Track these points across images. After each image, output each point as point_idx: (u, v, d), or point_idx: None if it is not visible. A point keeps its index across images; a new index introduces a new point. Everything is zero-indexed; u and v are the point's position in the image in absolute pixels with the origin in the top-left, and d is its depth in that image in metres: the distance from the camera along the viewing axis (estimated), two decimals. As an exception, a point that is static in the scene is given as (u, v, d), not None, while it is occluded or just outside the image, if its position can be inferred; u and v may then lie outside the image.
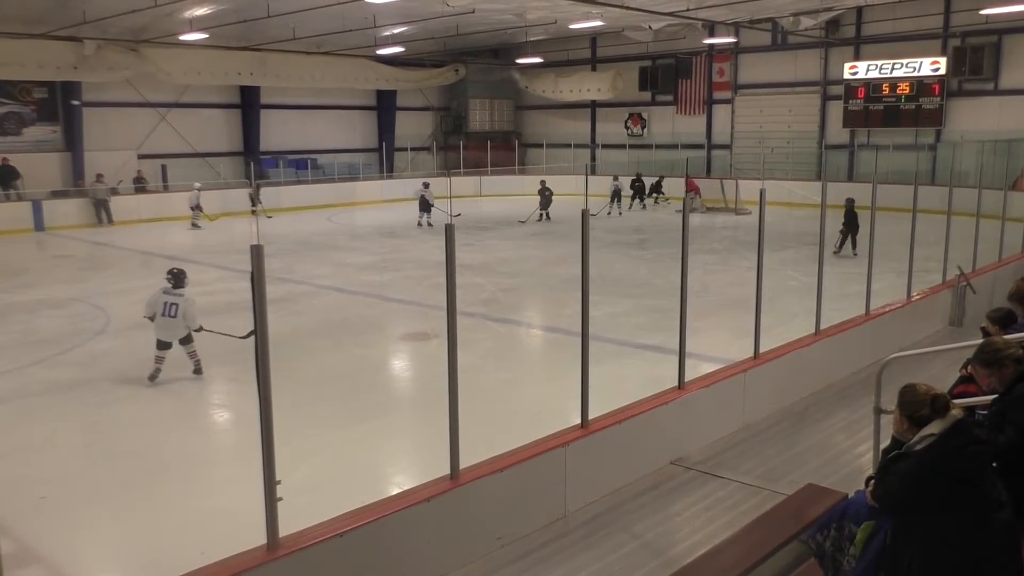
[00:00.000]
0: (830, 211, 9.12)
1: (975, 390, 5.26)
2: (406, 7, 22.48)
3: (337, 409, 8.75)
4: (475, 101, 36.26)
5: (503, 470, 5.49)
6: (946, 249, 11.37)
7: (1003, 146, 16.46)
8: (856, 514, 3.96)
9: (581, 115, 35.73)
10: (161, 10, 20.83)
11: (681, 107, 32.43)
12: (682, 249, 6.82)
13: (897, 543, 3.69)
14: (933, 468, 3.61)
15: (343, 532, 4.66)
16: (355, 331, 12.37)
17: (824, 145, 28.50)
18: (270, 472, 4.30)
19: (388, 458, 7.89)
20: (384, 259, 18.63)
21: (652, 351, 10.22)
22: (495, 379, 9.96)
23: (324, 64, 30.60)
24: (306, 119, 32.18)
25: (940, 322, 11.25)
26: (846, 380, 8.90)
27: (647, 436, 6.66)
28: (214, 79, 28.63)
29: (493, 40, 31.93)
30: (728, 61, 30.96)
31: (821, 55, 28.67)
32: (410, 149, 34.55)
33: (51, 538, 6.12)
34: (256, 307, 4.19)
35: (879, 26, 26.89)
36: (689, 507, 6.14)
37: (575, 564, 5.35)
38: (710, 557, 4.67)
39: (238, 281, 12.26)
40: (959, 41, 25.52)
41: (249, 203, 24.84)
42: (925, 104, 26.30)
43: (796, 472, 6.61)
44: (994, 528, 3.59)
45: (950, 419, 3.68)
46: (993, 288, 11.31)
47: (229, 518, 5.94)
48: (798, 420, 7.92)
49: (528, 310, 14.35)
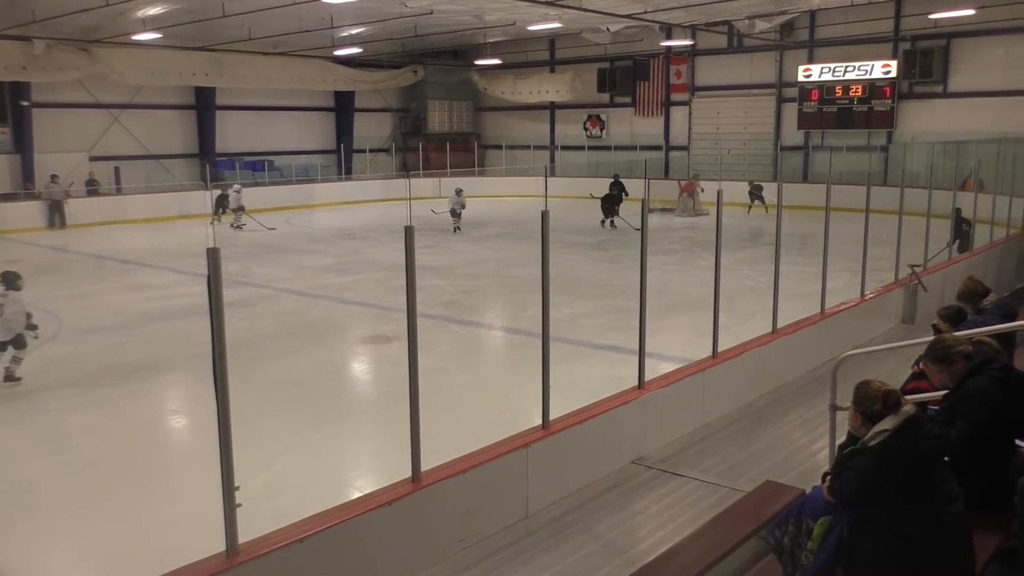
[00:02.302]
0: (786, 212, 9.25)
1: (927, 386, 5.38)
2: (363, 8, 22.35)
3: (297, 413, 8.67)
4: (434, 103, 36.15)
5: (465, 472, 5.48)
6: (898, 248, 11.61)
7: (952, 147, 16.84)
8: (813, 509, 4.02)
9: (540, 116, 35.83)
10: (113, 9, 20.47)
11: (639, 109, 32.67)
12: (641, 250, 6.86)
13: (853, 537, 3.76)
14: (887, 463, 3.68)
15: (303, 537, 4.61)
16: (315, 334, 12.26)
17: (780, 147, 28.94)
18: (229, 478, 4.25)
19: (349, 462, 7.83)
20: (343, 261, 18.49)
21: (612, 351, 10.27)
22: (456, 381, 9.94)
23: (281, 65, 30.29)
24: (263, 120, 31.80)
25: (893, 320, 11.48)
26: (803, 378, 9.02)
27: (608, 436, 6.70)
28: (168, 80, 28.16)
29: (452, 41, 31.89)
30: (685, 63, 31.27)
31: (776, 58, 29.09)
32: (369, 151, 34.35)
33: (4, 549, 5.98)
34: (213, 311, 4.14)
35: (832, 29, 27.37)
36: (650, 506, 6.19)
37: (538, 565, 5.36)
38: (671, 555, 4.71)
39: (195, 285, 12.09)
40: (909, 45, 26.07)
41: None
42: (877, 106, 26.83)
43: (754, 469, 6.69)
44: (947, 521, 3.68)
45: (903, 415, 3.75)
46: (943, 286, 11.55)
47: (187, 525, 5.85)
48: (756, 418, 8.02)
49: (489, 312, 14.35)
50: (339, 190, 31.02)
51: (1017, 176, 16.25)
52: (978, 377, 4.46)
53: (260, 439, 7.29)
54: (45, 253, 20.55)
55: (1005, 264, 14.59)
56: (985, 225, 14.54)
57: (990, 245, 14.39)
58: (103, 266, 18.69)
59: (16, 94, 25.49)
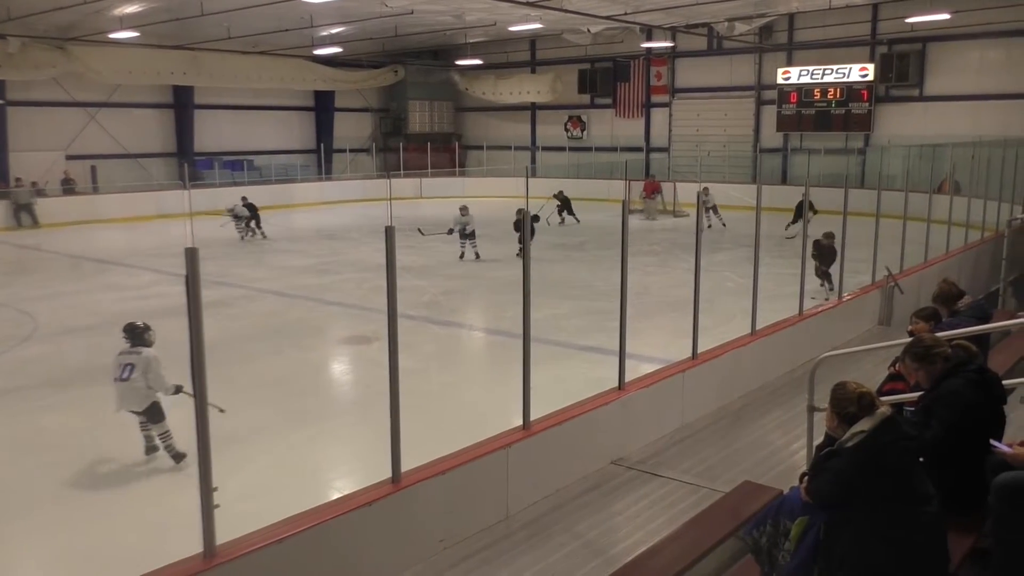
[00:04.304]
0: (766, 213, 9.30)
1: (903, 387, 5.42)
2: (343, 7, 22.28)
3: (276, 414, 8.62)
4: (415, 103, 36.07)
5: (445, 473, 5.47)
6: (875, 251, 11.70)
7: (928, 151, 17.01)
8: (791, 510, 4.04)
9: (521, 117, 35.85)
10: (89, 7, 20.29)
11: (620, 110, 32.78)
12: (622, 251, 6.89)
13: (830, 537, 3.78)
14: (864, 464, 3.71)
15: (282, 538, 4.59)
16: (294, 335, 12.20)
17: (759, 149, 29.13)
18: (207, 479, 4.22)
19: (329, 463, 7.81)
20: (323, 262, 18.41)
21: (593, 352, 10.30)
22: (437, 382, 9.93)
23: (260, 64, 30.12)
24: (242, 120, 31.61)
25: (870, 322, 11.57)
26: (781, 379, 9.08)
27: (588, 437, 6.71)
28: (146, 78, 27.94)
29: (432, 41, 31.84)
30: (665, 65, 31.39)
31: (755, 60, 29.28)
32: (349, 151, 34.22)
33: None
34: (191, 311, 4.12)
35: (810, 32, 27.57)
36: (630, 506, 6.20)
37: (518, 565, 5.36)
38: (650, 555, 4.73)
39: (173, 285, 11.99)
40: (886, 48, 26.30)
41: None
42: (855, 109, 27.05)
43: (733, 470, 6.73)
44: (923, 521, 3.71)
45: (879, 416, 3.79)
46: (919, 288, 11.66)
47: (164, 527, 5.81)
48: (735, 419, 8.06)
49: (469, 312, 14.34)
50: (319, 190, 30.89)
51: (992, 179, 16.43)
52: (953, 379, 4.50)
53: (238, 440, 7.24)
54: (18, 252, 20.33)
55: (980, 267, 14.75)
56: (960, 228, 14.69)
57: (965, 247, 14.54)
58: (78, 266, 18.48)
59: (-9, 92, 25.24)
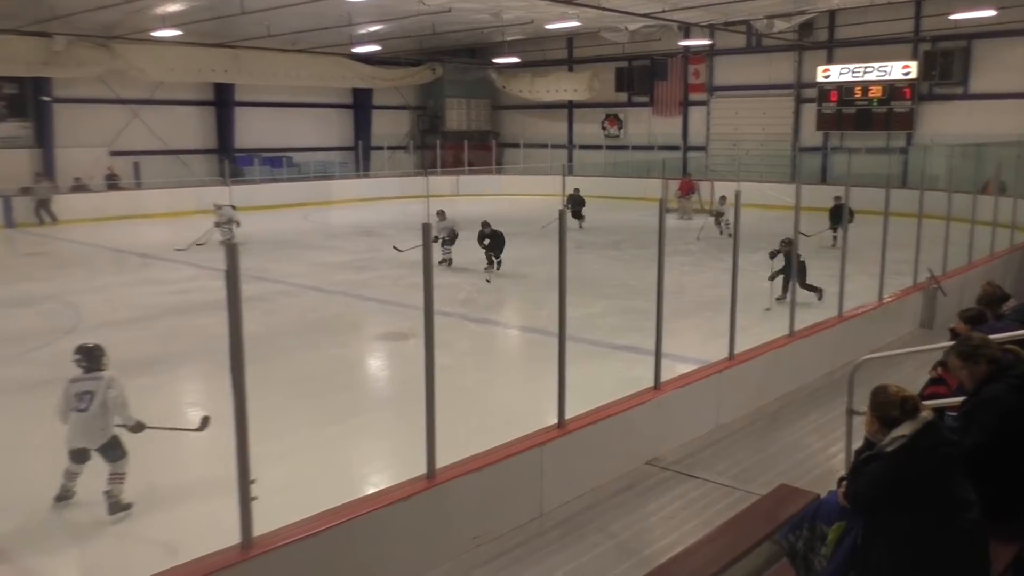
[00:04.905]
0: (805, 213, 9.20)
1: (945, 392, 5.34)
2: (382, 5, 22.41)
3: (313, 409, 8.71)
4: (452, 100, 36.21)
5: (479, 470, 5.49)
6: (917, 252, 11.51)
7: (972, 150, 16.67)
8: (828, 514, 4.00)
9: (558, 115, 35.79)
10: (132, 6, 20.62)
11: (657, 108, 32.58)
12: (658, 250, 6.85)
13: (868, 543, 3.74)
14: (904, 469, 3.66)
15: (318, 532, 4.64)
16: (331, 330, 12.31)
17: (798, 148, 28.78)
18: (244, 471, 4.28)
19: (364, 458, 7.87)
20: (360, 258, 18.54)
21: (628, 351, 10.26)
22: (472, 379, 9.94)
23: (299, 62, 30.40)
24: (281, 117, 31.96)
25: (911, 324, 11.39)
26: (819, 381, 8.98)
27: (623, 436, 6.69)
28: (188, 76, 28.39)
29: (470, 39, 31.91)
30: (703, 63, 31.14)
31: (794, 58, 28.93)
32: (386, 148, 34.44)
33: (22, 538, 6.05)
34: (231, 305, 4.17)
35: (851, 30, 27.18)
36: (664, 507, 6.18)
37: (550, 564, 5.36)
38: (684, 557, 4.70)
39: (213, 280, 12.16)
40: (930, 46, 25.85)
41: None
42: (896, 108, 26.61)
43: (769, 473, 6.67)
44: (963, 528, 3.64)
45: (920, 421, 3.73)
46: (962, 291, 11.46)
47: (203, 517, 5.89)
48: (771, 421, 7.99)
49: (505, 310, 14.35)
50: (357, 187, 31.10)
51: (1038, 179, 16.09)
52: (994, 384, 4.42)
53: (275, 434, 7.31)
54: (64, 246, 20.75)
55: (1025, 269, 14.45)
56: (1006, 229, 14.40)
57: (1010, 249, 14.25)
58: (123, 260, 18.80)
59: (38, 90, 25.76)
